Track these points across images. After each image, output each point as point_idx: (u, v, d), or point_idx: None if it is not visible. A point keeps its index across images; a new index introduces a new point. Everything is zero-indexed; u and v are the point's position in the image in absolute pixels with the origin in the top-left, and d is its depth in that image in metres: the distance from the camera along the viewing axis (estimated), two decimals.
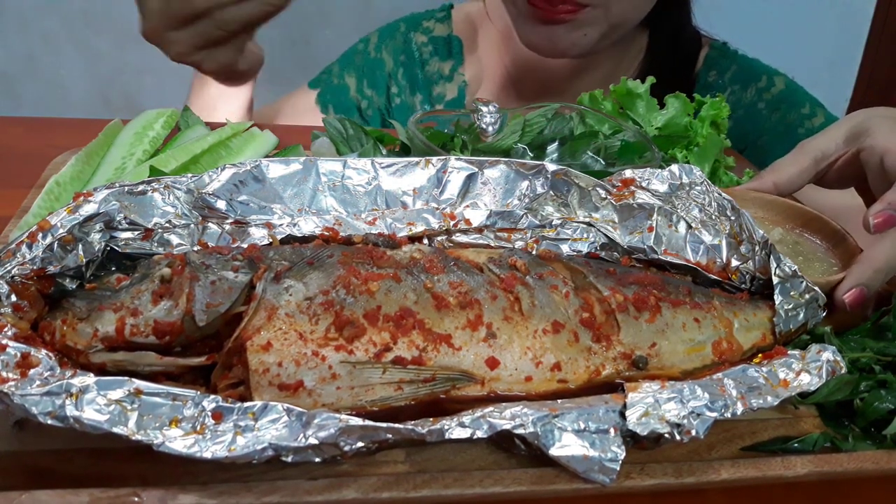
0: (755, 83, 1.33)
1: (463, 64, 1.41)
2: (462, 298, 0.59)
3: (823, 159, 0.85)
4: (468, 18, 1.43)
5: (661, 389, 0.55)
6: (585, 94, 1.03)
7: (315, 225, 0.68)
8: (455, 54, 1.41)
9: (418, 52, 1.41)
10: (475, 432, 0.50)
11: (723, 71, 1.35)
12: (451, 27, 1.42)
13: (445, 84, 1.41)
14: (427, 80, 1.41)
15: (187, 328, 0.55)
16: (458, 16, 1.43)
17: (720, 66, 1.36)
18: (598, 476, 0.51)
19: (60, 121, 1.11)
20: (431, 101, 1.41)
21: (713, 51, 1.37)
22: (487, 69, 1.41)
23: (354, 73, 1.39)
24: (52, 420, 0.46)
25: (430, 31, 1.42)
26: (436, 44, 1.41)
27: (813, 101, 1.29)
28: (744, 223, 0.70)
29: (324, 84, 1.38)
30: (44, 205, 0.80)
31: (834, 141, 0.85)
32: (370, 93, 1.40)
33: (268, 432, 0.47)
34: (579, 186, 0.74)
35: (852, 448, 0.59)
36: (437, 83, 1.41)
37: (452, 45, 1.41)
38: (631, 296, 0.64)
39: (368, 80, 1.40)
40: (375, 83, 1.40)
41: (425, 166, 0.73)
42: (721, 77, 1.35)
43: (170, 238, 0.65)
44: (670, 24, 1.32)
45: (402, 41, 1.41)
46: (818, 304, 0.67)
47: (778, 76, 1.33)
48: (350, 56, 1.42)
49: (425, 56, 1.41)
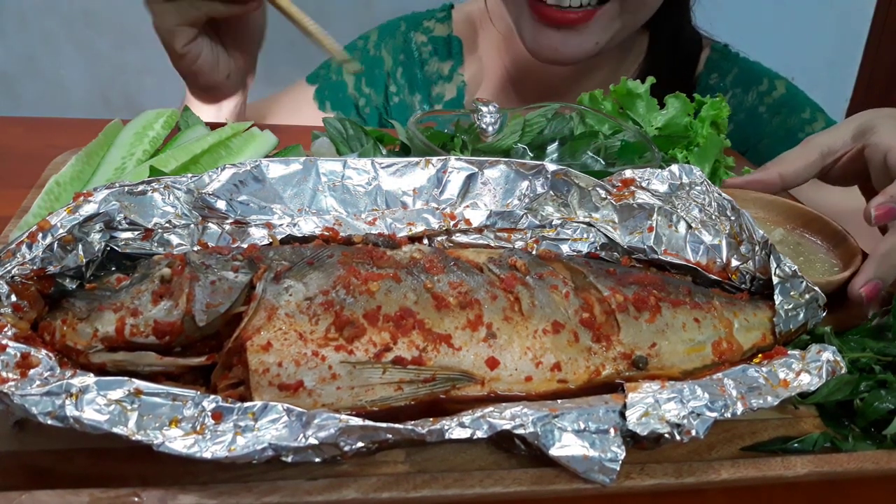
0: (756, 86, 1.33)
1: (462, 64, 1.41)
2: (462, 298, 0.59)
3: (830, 154, 0.87)
4: (468, 19, 1.42)
5: (661, 389, 0.55)
6: (585, 94, 1.03)
7: (315, 225, 0.68)
8: (455, 55, 1.40)
9: (418, 52, 1.40)
10: (475, 432, 0.50)
11: (724, 73, 1.35)
12: (452, 27, 1.41)
13: (444, 84, 1.40)
14: (426, 80, 1.41)
15: (187, 328, 0.55)
16: (458, 16, 1.42)
17: (721, 68, 1.35)
18: (598, 476, 0.51)
19: (60, 121, 1.11)
20: (430, 102, 1.40)
21: (714, 53, 1.36)
22: (487, 70, 1.41)
23: None
24: (52, 420, 0.46)
25: (430, 31, 1.41)
26: (436, 44, 1.41)
27: (814, 106, 1.30)
28: (744, 223, 0.70)
29: (322, 80, 1.37)
30: (44, 205, 0.79)
31: (841, 138, 0.86)
32: (368, 91, 1.39)
33: (268, 432, 0.47)
34: (579, 186, 0.74)
35: (852, 448, 0.59)
36: (437, 83, 1.41)
37: (452, 46, 1.41)
38: (631, 296, 0.64)
39: (367, 77, 1.39)
40: (374, 81, 1.39)
41: (425, 166, 0.73)
42: (722, 80, 1.35)
43: (170, 238, 0.65)
44: (670, 25, 1.31)
45: (402, 40, 1.41)
46: (818, 304, 0.67)
47: (779, 80, 1.33)
48: (349, 53, 1.40)
49: (425, 56, 1.41)
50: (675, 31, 1.33)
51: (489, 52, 1.41)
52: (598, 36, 1.14)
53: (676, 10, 1.30)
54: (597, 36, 1.14)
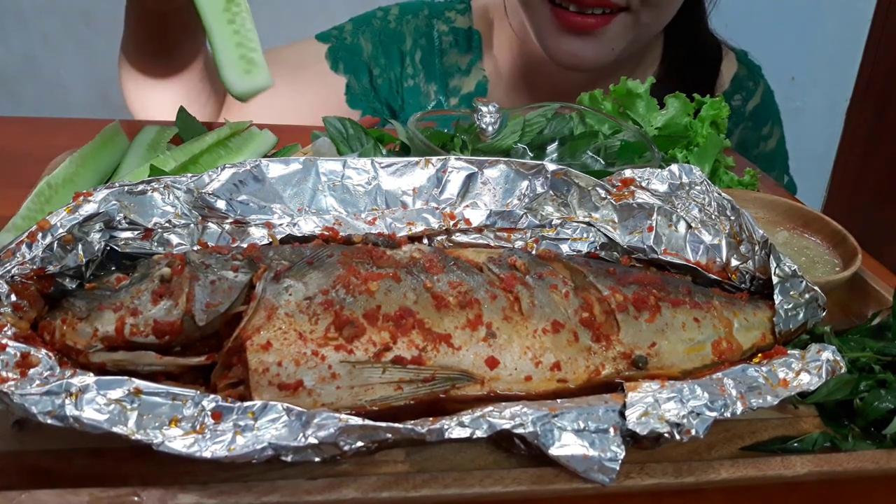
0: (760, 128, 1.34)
1: (482, 59, 1.38)
2: (462, 298, 0.59)
3: None
4: (486, 13, 1.40)
5: (660, 389, 0.55)
6: (585, 94, 1.03)
7: (315, 225, 0.68)
8: (474, 48, 1.37)
9: (439, 41, 1.37)
10: (475, 432, 0.50)
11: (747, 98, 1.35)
12: (472, 20, 1.39)
13: (463, 78, 1.38)
14: (444, 72, 1.37)
15: (187, 328, 0.55)
16: (477, 9, 1.40)
17: (746, 90, 1.35)
18: (597, 476, 0.51)
19: (60, 121, 1.11)
20: (447, 93, 1.37)
21: (742, 69, 1.36)
22: (502, 68, 1.39)
23: (370, 38, 1.35)
24: (51, 420, 0.46)
25: (452, 22, 1.38)
26: (457, 35, 1.37)
27: (783, 168, 1.31)
28: (744, 223, 0.70)
29: (336, 40, 1.33)
30: (33, 206, 0.78)
31: None
32: (384, 62, 1.35)
33: (267, 432, 0.47)
34: (579, 186, 0.74)
35: (852, 448, 0.59)
36: (454, 76, 1.38)
37: (473, 39, 1.38)
38: (631, 295, 0.64)
39: (384, 49, 1.35)
40: (389, 55, 1.36)
41: (425, 166, 0.73)
42: (744, 105, 1.35)
43: (170, 238, 0.64)
44: (686, 31, 1.31)
45: (425, 24, 1.37)
46: (818, 303, 0.67)
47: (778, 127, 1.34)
48: (367, 20, 1.37)
49: (445, 46, 1.37)
50: (691, 36, 1.32)
51: (503, 51, 1.39)
52: (614, 42, 1.15)
53: (691, 15, 1.29)
54: (613, 42, 1.15)
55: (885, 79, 2.57)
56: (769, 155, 1.36)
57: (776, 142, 1.36)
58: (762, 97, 1.36)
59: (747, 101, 1.35)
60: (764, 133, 1.35)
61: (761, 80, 1.39)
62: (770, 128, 1.36)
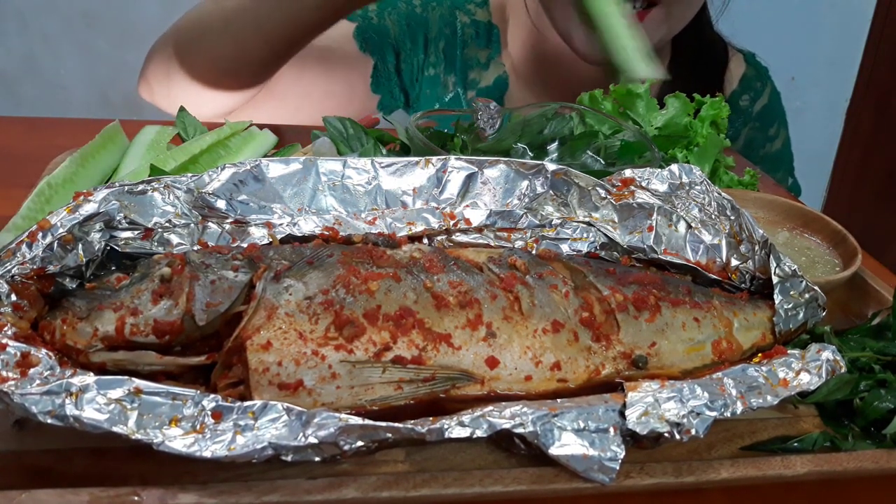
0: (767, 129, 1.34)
1: (500, 54, 1.37)
2: (462, 298, 0.59)
3: None
4: (502, 9, 1.39)
5: (660, 389, 0.55)
6: (585, 94, 1.03)
7: (315, 224, 0.68)
8: (494, 42, 1.37)
9: (461, 32, 1.36)
10: (475, 431, 0.50)
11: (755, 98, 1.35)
12: (490, 14, 1.38)
13: (482, 71, 1.37)
14: (464, 63, 1.37)
15: (187, 327, 0.55)
16: (494, 4, 1.39)
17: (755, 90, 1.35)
18: (597, 475, 0.51)
19: (60, 121, 1.11)
20: (465, 85, 1.37)
21: (750, 69, 1.36)
22: (518, 64, 1.38)
23: (397, 20, 1.34)
24: (51, 419, 0.46)
25: (473, 14, 1.38)
26: (477, 27, 1.37)
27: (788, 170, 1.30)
28: (744, 223, 0.70)
29: (362, 19, 1.32)
30: (33, 206, 0.78)
31: None
32: (409, 46, 1.34)
33: (267, 431, 0.47)
34: (579, 186, 0.74)
35: (852, 447, 0.59)
36: (473, 68, 1.37)
37: (492, 33, 1.37)
38: (631, 295, 0.64)
39: (411, 33, 1.34)
40: (416, 40, 1.35)
41: (425, 166, 0.73)
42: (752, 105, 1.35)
43: (170, 237, 0.64)
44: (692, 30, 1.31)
45: (449, 14, 1.37)
46: (818, 303, 0.67)
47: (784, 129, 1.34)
48: (392, 1, 1.35)
49: (467, 38, 1.37)
50: (697, 34, 1.32)
51: (517, 47, 1.38)
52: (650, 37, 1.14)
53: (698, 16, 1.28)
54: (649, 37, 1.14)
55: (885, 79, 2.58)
56: (775, 156, 1.36)
57: (782, 143, 1.36)
58: (770, 98, 1.36)
59: (755, 101, 1.35)
60: (770, 134, 1.35)
61: (769, 82, 1.39)
62: (776, 129, 1.36)
